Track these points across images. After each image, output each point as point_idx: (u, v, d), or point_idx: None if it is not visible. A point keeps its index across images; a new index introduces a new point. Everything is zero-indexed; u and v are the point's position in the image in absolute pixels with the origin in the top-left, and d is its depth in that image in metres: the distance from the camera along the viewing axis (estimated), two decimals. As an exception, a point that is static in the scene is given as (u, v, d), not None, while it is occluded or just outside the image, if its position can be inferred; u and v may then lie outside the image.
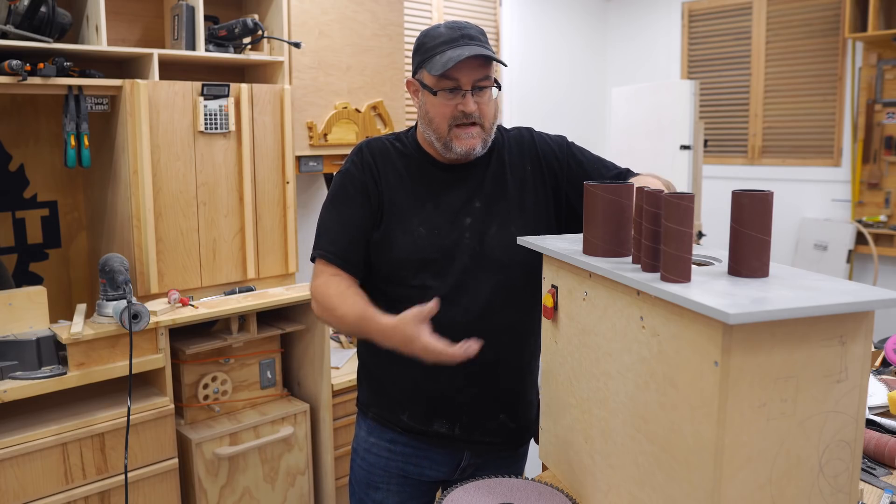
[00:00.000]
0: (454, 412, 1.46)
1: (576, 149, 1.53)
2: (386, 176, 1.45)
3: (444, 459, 1.51)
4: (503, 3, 4.12)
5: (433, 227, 1.41)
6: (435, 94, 1.36)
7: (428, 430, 1.47)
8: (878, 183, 3.93)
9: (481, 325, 1.41)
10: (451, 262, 1.41)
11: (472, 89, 1.37)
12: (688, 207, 0.89)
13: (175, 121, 2.17)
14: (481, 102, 1.39)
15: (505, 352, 1.45)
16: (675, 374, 0.89)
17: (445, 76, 1.35)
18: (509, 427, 1.50)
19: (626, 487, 1.02)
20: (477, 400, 1.45)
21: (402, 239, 1.41)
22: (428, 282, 1.41)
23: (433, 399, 1.45)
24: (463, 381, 1.43)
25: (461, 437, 1.47)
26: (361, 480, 1.56)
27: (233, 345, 2.31)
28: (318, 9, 2.57)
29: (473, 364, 1.42)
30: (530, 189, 1.47)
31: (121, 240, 2.20)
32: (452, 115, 1.37)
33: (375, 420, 1.53)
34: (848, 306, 0.81)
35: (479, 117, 1.38)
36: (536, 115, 4.31)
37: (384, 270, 1.45)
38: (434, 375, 1.43)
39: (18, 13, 1.92)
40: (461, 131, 1.38)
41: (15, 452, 1.83)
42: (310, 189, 3.06)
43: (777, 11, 4.23)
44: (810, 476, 0.87)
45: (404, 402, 1.48)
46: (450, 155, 1.41)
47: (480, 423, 1.47)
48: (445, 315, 1.40)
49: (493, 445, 1.50)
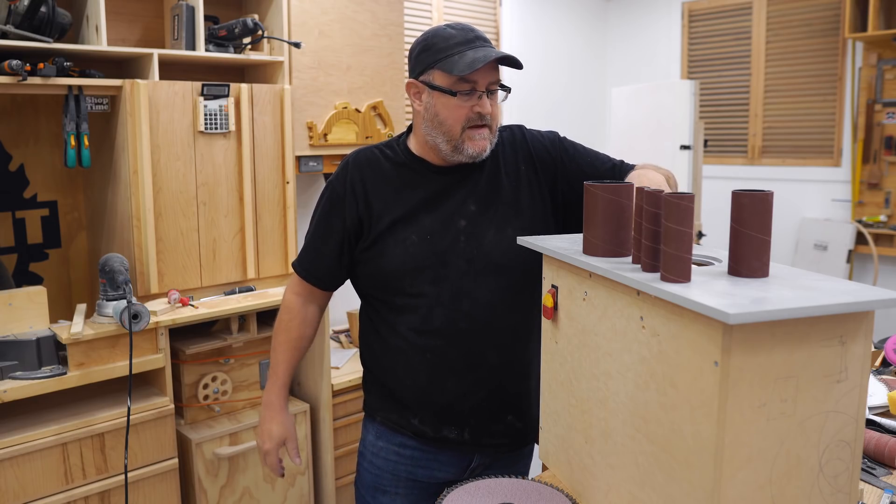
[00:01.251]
0: (463, 418, 1.45)
1: (568, 143, 1.52)
2: (374, 189, 1.44)
3: (454, 461, 1.51)
4: (503, 3, 4.12)
5: (426, 234, 1.41)
6: (454, 95, 1.35)
7: (437, 436, 1.47)
8: (878, 183, 3.93)
9: (485, 328, 1.41)
10: (446, 266, 1.40)
11: (488, 92, 1.37)
12: (688, 207, 0.89)
13: (175, 121, 2.17)
14: (493, 105, 1.40)
15: (509, 354, 1.45)
16: (675, 374, 0.89)
17: (465, 78, 1.34)
18: (517, 427, 1.50)
19: (626, 487, 1.02)
20: (485, 404, 1.45)
21: (393, 249, 1.41)
22: (426, 289, 1.40)
23: (441, 406, 1.45)
24: (470, 386, 1.43)
25: (470, 442, 1.47)
26: (369, 484, 1.55)
27: (233, 345, 2.31)
28: (318, 9, 2.57)
29: (478, 368, 1.42)
30: (525, 189, 1.46)
31: (121, 240, 2.20)
32: (467, 117, 1.36)
33: (384, 424, 1.53)
34: (848, 306, 0.81)
35: (489, 119, 1.39)
36: (536, 115, 4.31)
37: (381, 281, 1.45)
38: (441, 382, 1.43)
39: (18, 13, 1.92)
40: (474, 132, 1.38)
41: (15, 452, 1.83)
42: (310, 189, 3.06)
43: (777, 11, 4.23)
44: (810, 476, 0.87)
45: (413, 409, 1.48)
46: (458, 157, 1.40)
47: (489, 427, 1.47)
48: (449, 321, 1.40)
49: (502, 447, 1.50)
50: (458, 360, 1.42)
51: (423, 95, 1.40)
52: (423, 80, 1.39)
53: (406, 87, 1.44)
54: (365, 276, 1.48)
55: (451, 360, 1.42)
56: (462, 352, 1.41)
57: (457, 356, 1.41)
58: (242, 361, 2.37)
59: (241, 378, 2.38)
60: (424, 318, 1.41)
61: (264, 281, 2.43)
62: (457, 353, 1.41)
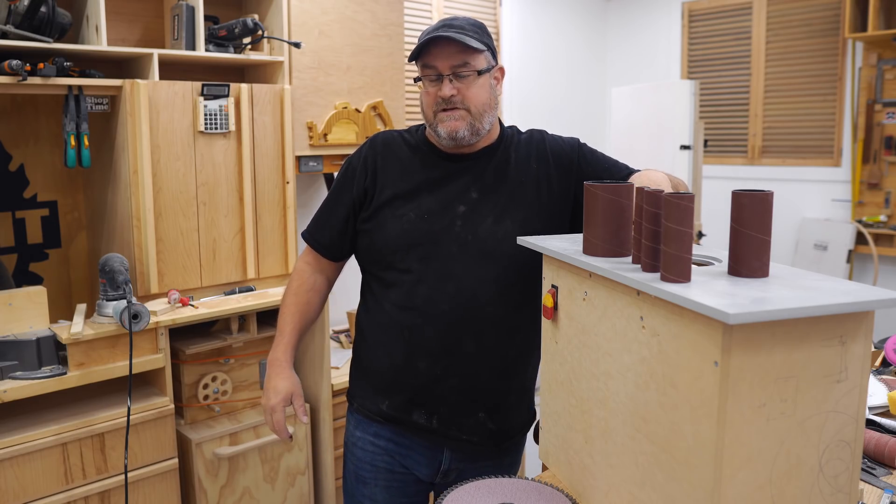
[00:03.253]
0: (433, 402, 1.47)
1: (587, 150, 1.54)
2: (385, 165, 1.51)
3: (425, 458, 1.52)
4: (503, 3, 4.12)
5: (423, 213, 1.45)
6: (418, 81, 1.45)
7: (407, 419, 1.49)
8: (878, 183, 3.93)
9: (465, 314, 1.43)
10: (436, 246, 1.43)
11: (453, 76, 1.41)
12: (688, 207, 0.89)
13: (175, 121, 2.17)
14: (462, 88, 1.42)
15: (487, 346, 1.45)
16: (675, 374, 0.89)
17: (425, 64, 1.42)
18: (488, 427, 1.50)
19: (626, 487, 1.02)
20: (456, 392, 1.46)
21: (391, 223, 1.46)
22: (413, 266, 1.44)
23: (412, 387, 1.47)
24: (442, 371, 1.45)
25: (439, 431, 1.48)
26: (351, 475, 1.60)
27: (233, 345, 2.31)
28: (318, 9, 2.57)
29: (453, 353, 1.43)
30: (532, 185, 1.47)
31: (121, 240, 2.20)
32: (435, 101, 1.43)
33: (359, 412, 1.56)
34: (848, 306, 0.81)
35: (461, 102, 1.42)
36: (536, 115, 4.31)
37: (375, 254, 1.49)
38: (413, 363, 1.46)
39: (18, 13, 1.92)
40: (444, 115, 1.43)
41: (15, 452, 1.83)
42: (310, 189, 3.06)
43: (777, 11, 4.23)
44: (810, 476, 0.87)
45: (385, 390, 1.50)
46: (442, 141, 1.46)
47: (458, 419, 1.48)
48: (430, 300, 1.43)
49: (470, 444, 1.50)
50: (433, 341, 1.44)
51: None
52: None
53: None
54: (363, 248, 1.53)
55: (428, 340, 1.44)
56: (439, 334, 1.43)
57: (433, 336, 1.43)
58: (242, 361, 2.37)
59: (241, 378, 2.38)
60: (407, 294, 1.45)
61: (264, 281, 2.43)
62: (433, 333, 1.43)
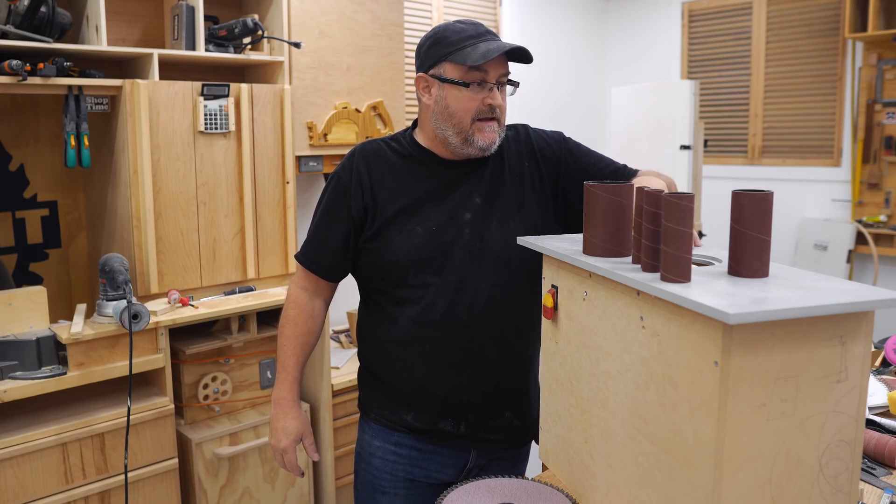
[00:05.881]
0: (460, 411, 1.45)
1: (572, 143, 1.53)
2: (380, 179, 1.45)
3: (450, 461, 1.50)
4: (503, 3, 4.12)
5: (431, 225, 1.41)
6: (467, 86, 1.36)
7: (433, 429, 1.46)
8: (878, 183, 3.93)
9: (485, 321, 1.41)
10: (450, 258, 1.41)
11: (497, 84, 1.38)
12: (688, 207, 0.89)
13: (175, 121, 2.17)
14: (502, 98, 1.41)
15: (508, 349, 1.45)
16: (675, 374, 0.89)
17: (477, 69, 1.35)
18: (514, 424, 1.50)
19: (626, 487, 1.02)
20: (483, 398, 1.45)
21: (398, 239, 1.41)
22: (428, 279, 1.41)
23: (439, 399, 1.45)
24: (468, 380, 1.43)
25: (467, 436, 1.47)
26: (367, 485, 1.54)
27: (233, 345, 2.31)
28: (318, 9, 2.57)
29: (478, 362, 1.43)
30: (528, 185, 1.47)
31: (121, 240, 2.20)
32: (478, 109, 1.38)
33: (378, 422, 1.52)
34: (848, 306, 0.81)
35: (498, 112, 1.40)
36: (536, 114, 4.31)
37: (383, 272, 1.45)
38: (439, 376, 1.43)
39: (18, 13, 1.92)
40: (484, 125, 1.39)
41: (15, 452, 1.83)
42: (310, 189, 3.06)
43: (777, 11, 4.23)
44: (810, 476, 0.87)
45: (409, 404, 1.47)
46: (468, 149, 1.41)
47: (486, 422, 1.47)
48: (449, 313, 1.40)
49: (498, 443, 1.50)
50: (457, 353, 1.42)
51: (433, 89, 1.41)
52: (434, 73, 1.40)
53: (416, 82, 1.45)
54: (368, 266, 1.48)
55: (451, 353, 1.42)
56: (462, 345, 1.41)
57: (456, 349, 1.42)
58: (242, 361, 2.37)
59: (241, 378, 2.38)
60: (425, 310, 1.41)
61: (264, 281, 2.43)
62: (456, 346, 1.41)
